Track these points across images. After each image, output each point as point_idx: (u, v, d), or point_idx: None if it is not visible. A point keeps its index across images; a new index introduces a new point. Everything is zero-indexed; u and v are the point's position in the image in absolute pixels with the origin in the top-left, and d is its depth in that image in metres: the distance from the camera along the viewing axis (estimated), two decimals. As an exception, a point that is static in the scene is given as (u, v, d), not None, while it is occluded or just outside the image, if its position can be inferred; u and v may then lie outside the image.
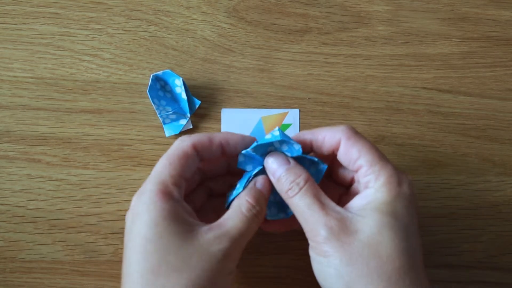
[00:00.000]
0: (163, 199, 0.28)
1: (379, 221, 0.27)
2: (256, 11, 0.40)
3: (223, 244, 0.28)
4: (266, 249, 0.37)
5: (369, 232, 0.27)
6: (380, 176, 0.28)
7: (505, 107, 0.40)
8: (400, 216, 0.28)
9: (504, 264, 0.38)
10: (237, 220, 0.29)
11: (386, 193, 0.28)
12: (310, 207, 0.28)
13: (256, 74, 0.39)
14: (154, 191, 0.28)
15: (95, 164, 0.37)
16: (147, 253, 0.27)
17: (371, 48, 0.40)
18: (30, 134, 0.37)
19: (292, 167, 0.30)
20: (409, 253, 0.27)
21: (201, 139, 0.31)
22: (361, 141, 0.30)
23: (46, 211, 0.37)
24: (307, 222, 0.29)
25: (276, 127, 0.31)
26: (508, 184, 0.39)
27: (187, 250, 0.27)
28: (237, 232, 0.28)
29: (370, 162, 0.29)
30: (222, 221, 0.29)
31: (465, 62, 0.40)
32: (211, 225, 0.29)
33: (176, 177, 0.29)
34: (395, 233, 0.27)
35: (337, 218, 0.28)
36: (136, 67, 0.39)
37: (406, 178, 0.29)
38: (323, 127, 0.32)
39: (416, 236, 0.28)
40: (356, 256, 0.27)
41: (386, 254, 0.26)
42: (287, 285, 0.37)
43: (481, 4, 0.41)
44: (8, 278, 0.36)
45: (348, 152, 0.30)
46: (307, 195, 0.29)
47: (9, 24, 0.38)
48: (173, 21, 0.39)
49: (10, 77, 0.38)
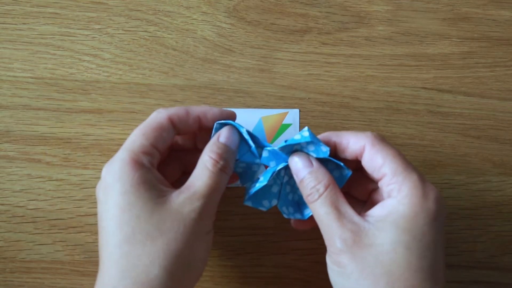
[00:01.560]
0: (134, 168, 0.28)
1: (395, 238, 0.26)
2: (256, 11, 0.40)
3: (195, 204, 0.28)
4: (266, 249, 0.37)
5: (384, 249, 0.26)
6: (404, 186, 0.27)
7: (505, 107, 0.40)
8: (419, 234, 0.26)
9: (504, 264, 0.38)
10: (204, 177, 0.29)
11: (408, 206, 0.27)
12: (327, 216, 0.28)
13: (256, 74, 0.39)
14: (125, 159, 0.28)
15: (95, 164, 0.37)
16: (121, 223, 0.27)
17: (371, 48, 0.40)
18: (30, 134, 0.37)
19: (315, 171, 0.30)
20: (425, 271, 0.26)
21: (178, 111, 0.30)
22: (386, 148, 0.29)
23: (46, 211, 0.37)
24: (324, 230, 0.29)
25: (306, 127, 0.30)
26: (508, 184, 0.39)
27: (160, 216, 0.27)
28: (206, 189, 0.28)
29: (394, 170, 0.28)
30: (190, 182, 0.29)
31: (465, 62, 0.40)
32: (181, 188, 0.29)
33: (148, 146, 0.29)
34: (411, 252, 0.26)
35: (352, 230, 0.27)
36: (136, 67, 0.39)
37: (434, 191, 0.28)
38: (350, 131, 0.31)
39: (437, 253, 0.27)
40: (368, 272, 0.26)
41: (398, 272, 0.26)
42: (287, 285, 0.37)
43: (481, 4, 0.41)
44: (8, 278, 0.36)
45: (372, 159, 0.29)
46: (326, 203, 0.28)
47: (9, 24, 0.38)
48: (173, 21, 0.39)
49: (10, 77, 0.38)
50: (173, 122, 0.30)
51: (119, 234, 0.27)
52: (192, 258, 0.28)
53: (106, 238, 0.27)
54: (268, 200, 0.32)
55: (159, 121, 0.30)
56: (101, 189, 0.29)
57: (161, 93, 0.38)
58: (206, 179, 0.29)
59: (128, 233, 0.27)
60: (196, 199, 0.28)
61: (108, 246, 0.27)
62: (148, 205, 0.27)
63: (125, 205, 0.27)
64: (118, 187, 0.27)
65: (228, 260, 0.37)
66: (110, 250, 0.27)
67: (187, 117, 0.31)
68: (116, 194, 0.27)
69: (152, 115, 0.30)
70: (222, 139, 0.31)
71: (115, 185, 0.28)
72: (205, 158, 0.30)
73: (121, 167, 0.28)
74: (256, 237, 0.38)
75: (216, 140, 0.31)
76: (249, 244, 0.38)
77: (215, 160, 0.29)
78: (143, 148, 0.29)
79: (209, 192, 0.29)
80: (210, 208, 0.29)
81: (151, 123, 0.30)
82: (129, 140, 0.29)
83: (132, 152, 0.28)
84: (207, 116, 0.31)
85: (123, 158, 0.28)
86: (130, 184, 0.27)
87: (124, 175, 0.28)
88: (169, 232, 0.27)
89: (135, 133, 0.30)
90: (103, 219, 0.28)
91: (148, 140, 0.29)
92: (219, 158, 0.29)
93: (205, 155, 0.30)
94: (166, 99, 0.38)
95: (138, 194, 0.27)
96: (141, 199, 0.27)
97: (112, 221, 0.27)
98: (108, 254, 0.27)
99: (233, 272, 0.37)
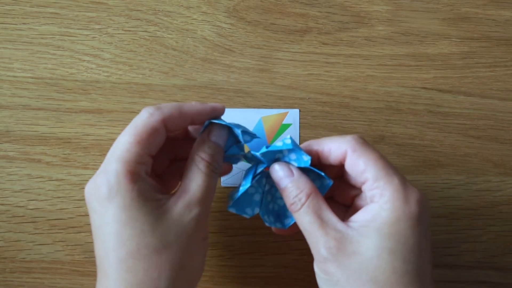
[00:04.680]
0: (132, 180, 0.27)
1: (379, 244, 0.26)
2: (256, 11, 0.40)
3: (194, 211, 0.28)
4: (266, 249, 0.37)
5: (368, 255, 0.26)
6: (385, 191, 0.27)
7: (505, 107, 0.40)
8: (403, 238, 0.26)
9: (504, 264, 0.38)
10: (199, 181, 0.29)
11: (390, 211, 0.27)
12: (311, 225, 0.28)
13: (256, 74, 0.39)
14: (122, 172, 0.27)
15: (95, 164, 0.37)
16: (124, 239, 0.26)
17: (371, 48, 0.40)
18: (30, 134, 0.37)
19: (296, 179, 0.30)
20: (411, 275, 0.26)
21: (171, 113, 0.29)
22: (368, 152, 0.29)
23: (46, 211, 0.37)
24: (309, 238, 0.29)
25: (288, 135, 0.31)
26: (508, 184, 0.39)
27: (163, 228, 0.27)
28: (202, 192, 0.28)
29: (375, 176, 0.28)
30: (185, 186, 0.29)
31: (465, 62, 0.40)
32: (177, 193, 0.28)
33: (144, 156, 0.28)
34: (395, 257, 0.26)
35: (336, 238, 0.27)
36: (136, 67, 0.39)
37: (415, 194, 0.27)
38: (331, 137, 0.31)
39: (422, 255, 0.27)
40: (354, 279, 0.26)
41: (384, 278, 0.26)
42: (287, 285, 0.37)
43: (481, 4, 0.41)
44: (8, 278, 0.36)
45: (354, 164, 0.29)
46: (308, 212, 0.29)
47: (9, 24, 0.38)
48: (173, 21, 0.39)
49: (10, 77, 0.38)
50: (166, 125, 0.29)
51: (122, 249, 0.26)
52: (193, 266, 0.28)
53: (106, 251, 0.27)
54: (251, 208, 0.32)
55: (153, 126, 0.28)
56: (96, 199, 0.27)
57: (161, 93, 0.38)
58: (200, 183, 0.29)
59: (132, 248, 0.26)
60: (194, 205, 0.28)
61: (111, 260, 0.27)
62: (150, 218, 0.27)
63: (127, 220, 0.26)
64: (118, 201, 0.27)
65: (228, 260, 0.37)
66: (114, 265, 0.26)
67: (180, 118, 0.30)
68: (115, 208, 0.26)
69: (144, 116, 0.28)
70: (212, 138, 0.30)
71: (114, 199, 0.27)
72: (197, 159, 0.29)
73: (118, 180, 0.27)
74: (256, 237, 0.38)
75: (207, 138, 0.30)
76: (249, 244, 0.38)
77: (207, 161, 0.29)
78: (139, 158, 0.27)
79: (205, 196, 0.29)
80: (206, 212, 0.29)
81: (145, 129, 0.28)
82: (123, 149, 0.27)
83: (128, 163, 0.27)
84: (199, 117, 0.30)
85: (118, 170, 0.27)
86: (130, 198, 0.27)
87: (122, 188, 0.27)
88: (173, 244, 0.27)
89: (128, 140, 0.28)
90: (102, 233, 0.27)
91: (144, 150, 0.28)
92: (211, 159, 0.29)
93: (196, 155, 0.29)
94: (166, 99, 0.38)
95: (138, 207, 0.27)
96: (142, 212, 0.27)
97: (113, 236, 0.27)
98: (112, 269, 0.27)
99: (233, 272, 0.37)
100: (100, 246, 0.27)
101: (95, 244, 0.28)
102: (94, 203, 0.27)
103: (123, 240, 0.26)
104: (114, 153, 0.28)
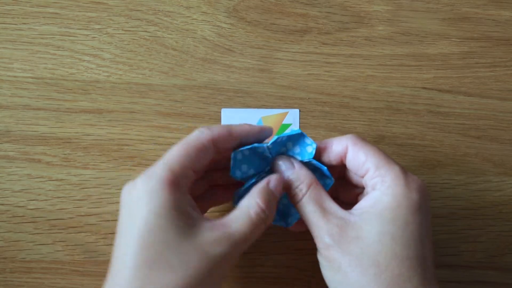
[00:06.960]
0: (171, 190, 0.27)
1: (380, 229, 0.27)
2: (256, 11, 0.40)
3: (224, 248, 0.26)
4: (266, 249, 0.37)
5: (370, 240, 0.27)
6: (386, 178, 0.28)
7: (505, 107, 0.40)
8: (404, 223, 0.27)
9: (504, 264, 0.38)
10: (243, 223, 0.27)
11: (391, 196, 0.28)
12: (313, 214, 0.29)
13: (256, 74, 0.39)
14: (163, 178, 0.27)
15: (95, 164, 0.37)
16: (147, 245, 0.26)
17: (371, 48, 0.40)
18: (30, 134, 0.37)
19: (296, 171, 0.30)
20: (412, 260, 0.27)
21: (221, 133, 0.29)
22: (368, 146, 0.30)
23: (46, 211, 0.37)
24: (312, 228, 0.29)
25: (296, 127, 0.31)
26: (508, 184, 0.39)
27: (186, 248, 0.26)
28: (240, 236, 0.27)
29: (376, 164, 0.29)
30: (227, 221, 0.27)
31: (465, 62, 0.40)
32: (215, 223, 0.27)
33: (188, 169, 0.28)
34: (396, 242, 0.27)
35: (338, 225, 0.28)
36: (136, 67, 0.39)
37: (416, 181, 0.28)
38: (331, 138, 0.32)
39: (423, 242, 0.27)
40: (356, 264, 0.27)
41: (385, 262, 0.26)
42: (287, 285, 0.37)
43: (481, 4, 0.41)
44: (8, 278, 0.36)
45: (355, 156, 0.30)
46: (310, 202, 0.29)
47: (9, 24, 0.38)
48: (173, 21, 0.39)
49: (10, 77, 0.38)
50: (215, 143, 0.29)
51: (140, 255, 0.26)
52: None
53: (125, 251, 0.26)
54: None
55: (202, 142, 0.29)
56: (132, 197, 0.27)
57: (161, 93, 0.38)
58: (244, 226, 0.27)
59: (150, 257, 0.26)
60: (227, 243, 0.26)
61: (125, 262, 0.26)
62: (177, 232, 0.26)
63: (155, 227, 0.26)
64: (152, 206, 0.26)
65: (228, 260, 0.37)
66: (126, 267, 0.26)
67: (229, 138, 0.30)
68: (147, 212, 0.26)
69: (195, 133, 0.29)
70: (272, 186, 0.30)
71: (149, 203, 0.26)
72: (251, 203, 0.28)
73: (158, 186, 0.27)
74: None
75: (266, 186, 0.29)
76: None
77: (262, 209, 0.28)
78: (184, 170, 0.28)
79: (242, 240, 0.27)
80: (236, 255, 0.28)
81: (195, 144, 0.28)
82: (170, 157, 0.28)
83: (172, 173, 0.27)
84: (248, 137, 0.30)
85: (162, 176, 0.27)
86: (164, 206, 0.26)
87: (160, 195, 0.26)
88: (191, 269, 0.26)
89: (177, 150, 0.28)
90: (127, 232, 0.27)
91: (190, 163, 0.28)
92: (266, 206, 0.28)
93: (252, 199, 0.28)
94: (166, 99, 0.38)
95: (170, 218, 0.26)
96: (171, 223, 0.26)
97: (136, 239, 0.26)
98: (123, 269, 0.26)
99: (233, 272, 0.37)
100: (121, 245, 0.27)
101: (116, 240, 0.27)
102: (129, 200, 0.27)
103: (145, 246, 0.26)
104: (161, 161, 0.28)
